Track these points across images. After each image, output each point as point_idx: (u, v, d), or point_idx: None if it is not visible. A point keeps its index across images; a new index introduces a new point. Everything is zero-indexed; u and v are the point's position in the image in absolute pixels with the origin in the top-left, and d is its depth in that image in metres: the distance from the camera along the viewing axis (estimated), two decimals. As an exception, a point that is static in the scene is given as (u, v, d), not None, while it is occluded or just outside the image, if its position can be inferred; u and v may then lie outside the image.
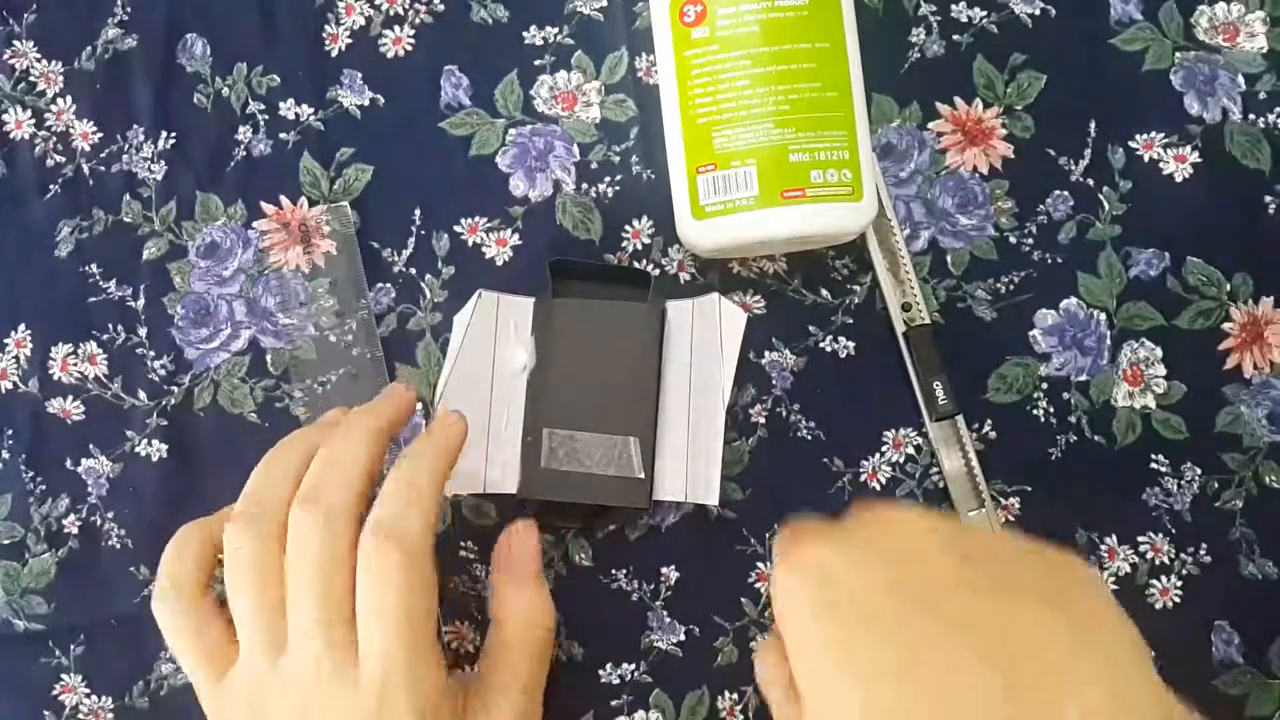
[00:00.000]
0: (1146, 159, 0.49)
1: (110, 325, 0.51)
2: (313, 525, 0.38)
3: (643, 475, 0.45)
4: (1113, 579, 0.47)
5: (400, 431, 0.43)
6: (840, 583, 0.31)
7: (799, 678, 0.31)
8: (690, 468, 0.46)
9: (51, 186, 0.52)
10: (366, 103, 0.51)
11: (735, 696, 0.47)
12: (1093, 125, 0.49)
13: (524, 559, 0.44)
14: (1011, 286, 0.49)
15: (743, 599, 0.48)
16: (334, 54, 0.51)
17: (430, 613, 0.39)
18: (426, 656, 0.38)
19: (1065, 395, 0.48)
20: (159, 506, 0.50)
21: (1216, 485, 0.48)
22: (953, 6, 0.50)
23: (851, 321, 0.49)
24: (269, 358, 0.50)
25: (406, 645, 0.37)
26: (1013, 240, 0.49)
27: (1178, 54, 0.50)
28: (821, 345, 0.49)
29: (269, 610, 0.38)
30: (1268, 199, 0.49)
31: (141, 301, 0.51)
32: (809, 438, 0.48)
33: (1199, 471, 0.48)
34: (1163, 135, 0.49)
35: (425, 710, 0.37)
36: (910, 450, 0.48)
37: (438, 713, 0.38)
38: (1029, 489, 0.48)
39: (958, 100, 0.50)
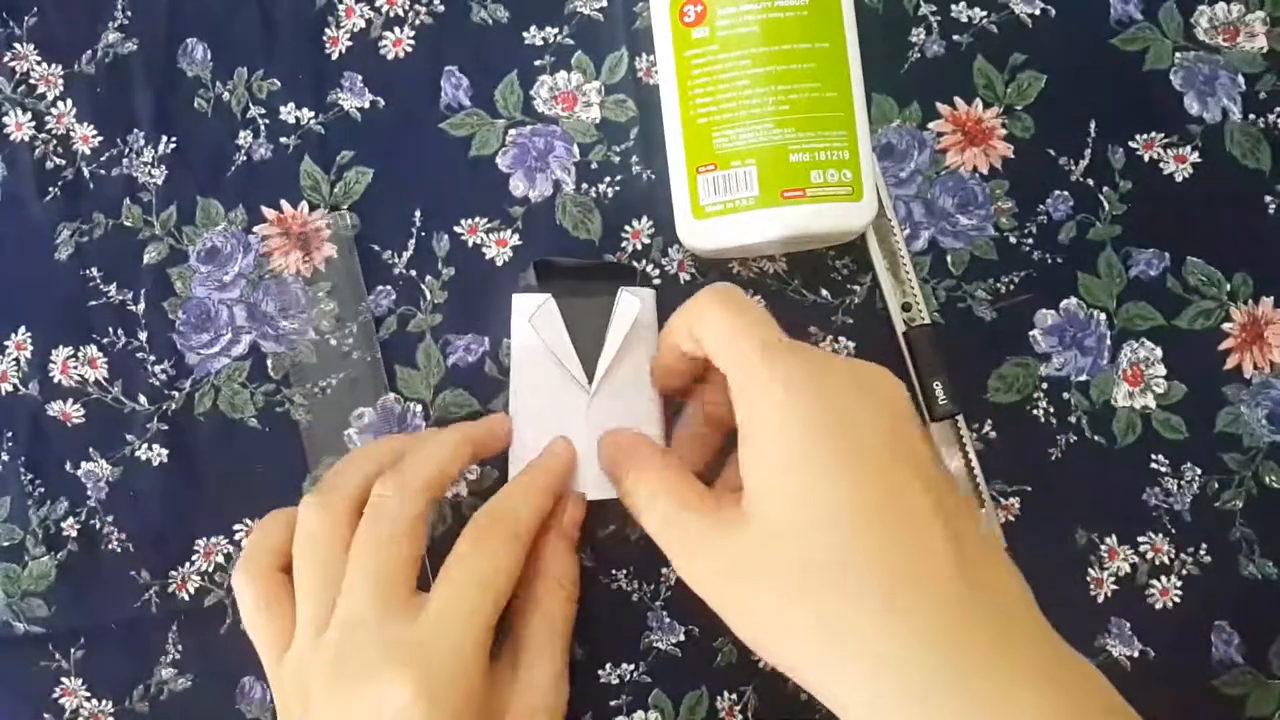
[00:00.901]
0: (1146, 159, 0.49)
1: (110, 329, 0.51)
2: (390, 499, 0.40)
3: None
4: (1113, 579, 0.47)
5: (489, 454, 0.45)
6: (835, 396, 0.35)
7: (768, 415, 0.35)
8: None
9: (51, 189, 0.52)
10: (367, 105, 0.51)
11: (734, 697, 0.47)
12: (1093, 125, 0.49)
13: (572, 525, 0.44)
14: (1011, 286, 0.49)
15: (744, 600, 0.48)
16: (334, 57, 0.51)
17: (499, 601, 0.40)
18: (477, 636, 0.38)
19: (1065, 395, 0.48)
20: (159, 511, 0.50)
21: (1216, 485, 0.48)
22: (953, 6, 0.50)
23: (851, 321, 0.49)
24: (269, 362, 0.50)
25: (464, 620, 0.38)
26: (1013, 240, 0.49)
27: (1178, 54, 0.50)
28: (822, 345, 0.49)
29: (325, 588, 0.39)
30: (1268, 199, 0.49)
31: (142, 305, 0.51)
32: (809, 438, 0.48)
33: (1199, 471, 0.48)
34: (1163, 135, 0.49)
35: (457, 685, 0.37)
36: (911, 450, 0.48)
37: (470, 693, 0.38)
38: (1029, 489, 0.48)
39: (958, 100, 0.50)
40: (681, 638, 0.48)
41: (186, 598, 0.49)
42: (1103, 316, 0.48)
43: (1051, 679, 0.32)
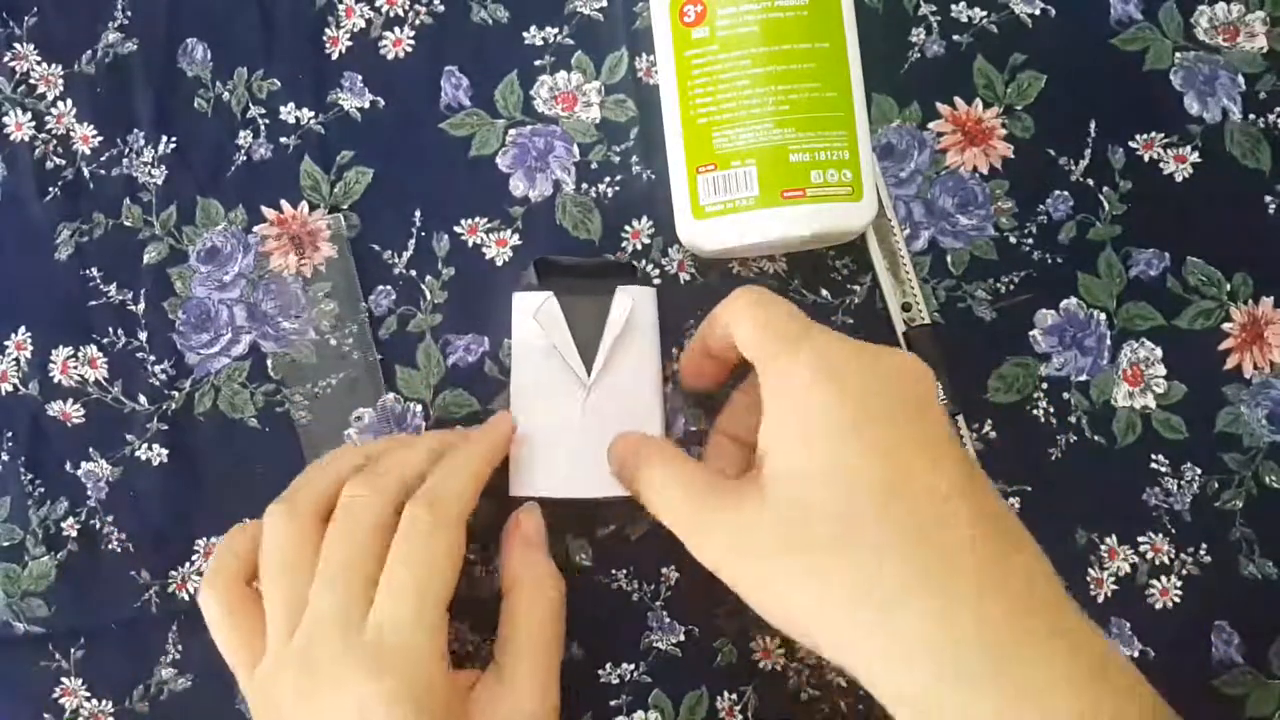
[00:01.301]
0: (1146, 159, 0.49)
1: (111, 329, 0.51)
2: (360, 500, 0.40)
3: None
4: (1113, 579, 0.47)
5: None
6: (858, 376, 0.36)
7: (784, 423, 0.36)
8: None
9: (51, 189, 0.52)
10: (367, 105, 0.51)
11: (734, 697, 0.47)
12: (1093, 125, 0.49)
13: (533, 531, 0.44)
14: (1011, 286, 0.49)
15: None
16: (334, 57, 0.51)
17: (445, 585, 0.39)
18: (429, 625, 0.38)
19: (1065, 395, 0.48)
20: (159, 511, 0.50)
21: (1216, 485, 0.48)
22: (953, 6, 0.50)
23: (851, 321, 0.49)
24: (269, 362, 0.50)
25: (412, 611, 0.38)
26: (1013, 240, 0.49)
27: (1178, 54, 0.50)
28: (822, 346, 0.49)
29: (294, 594, 0.39)
30: (1268, 199, 0.49)
31: (142, 305, 0.51)
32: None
33: (1199, 471, 0.48)
34: (1163, 135, 0.49)
35: (418, 678, 0.37)
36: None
37: (431, 684, 0.38)
38: (1029, 489, 0.48)
39: (958, 100, 0.50)
40: (681, 638, 0.48)
41: (186, 598, 0.49)
42: (1103, 316, 0.48)
43: (1080, 665, 0.32)
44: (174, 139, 0.51)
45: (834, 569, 0.33)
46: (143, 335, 0.50)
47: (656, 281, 0.49)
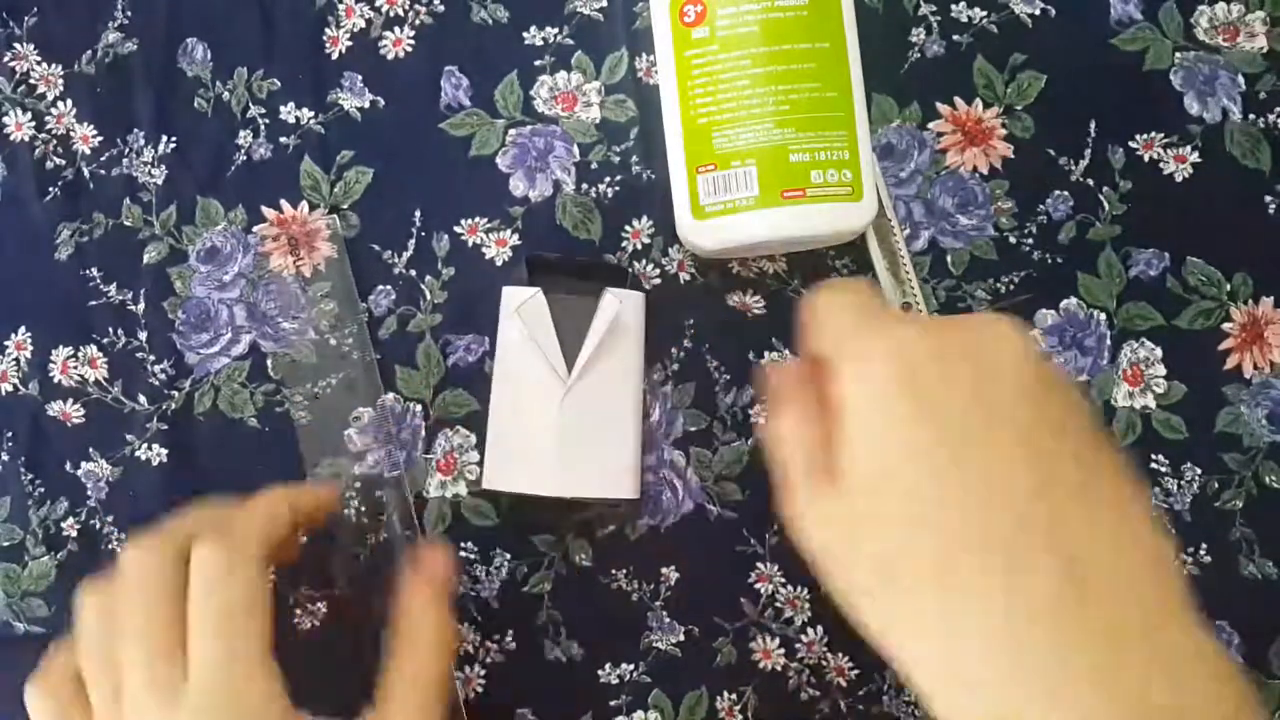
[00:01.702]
0: (1146, 159, 0.49)
1: (110, 329, 0.51)
2: (146, 556, 0.38)
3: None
4: (1114, 579, 0.47)
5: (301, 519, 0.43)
6: (931, 363, 0.33)
7: (853, 433, 0.33)
8: (601, 460, 0.45)
9: (51, 189, 0.52)
10: (367, 105, 0.51)
11: (734, 697, 0.47)
12: (1093, 125, 0.49)
13: (439, 571, 0.42)
14: (1011, 286, 0.49)
15: (742, 599, 0.48)
16: (334, 56, 0.51)
17: (254, 622, 0.37)
18: (247, 662, 0.37)
19: (1066, 395, 0.48)
20: (159, 511, 0.49)
21: (1216, 485, 0.48)
22: (953, 6, 0.50)
23: (851, 322, 0.49)
24: (269, 363, 0.50)
25: (223, 649, 0.36)
26: (1013, 240, 0.49)
27: (1178, 54, 0.50)
28: (822, 346, 0.49)
29: (108, 668, 0.37)
30: (1268, 199, 0.49)
31: (142, 305, 0.51)
32: (809, 438, 0.48)
33: (1199, 471, 0.48)
34: (1163, 135, 0.49)
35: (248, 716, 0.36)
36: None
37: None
38: (1030, 489, 0.48)
39: (958, 100, 0.50)
40: (681, 638, 0.48)
41: (186, 598, 0.49)
42: (1103, 316, 0.48)
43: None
44: (174, 139, 0.51)
45: (900, 571, 0.32)
46: (143, 335, 0.50)
47: (656, 281, 0.49)
